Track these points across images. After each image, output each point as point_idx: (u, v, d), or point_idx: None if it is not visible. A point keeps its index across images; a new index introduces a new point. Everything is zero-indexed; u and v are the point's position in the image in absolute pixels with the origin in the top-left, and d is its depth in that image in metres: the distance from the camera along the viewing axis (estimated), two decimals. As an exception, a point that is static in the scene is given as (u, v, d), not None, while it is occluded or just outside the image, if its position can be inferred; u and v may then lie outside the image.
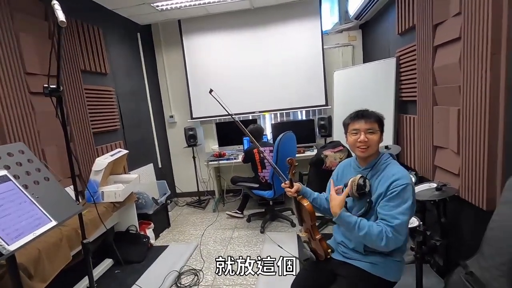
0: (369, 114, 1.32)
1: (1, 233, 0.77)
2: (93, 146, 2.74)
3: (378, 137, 1.30)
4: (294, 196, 1.43)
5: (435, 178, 2.11)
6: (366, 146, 1.29)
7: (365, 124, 1.29)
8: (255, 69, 3.98)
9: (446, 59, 1.88)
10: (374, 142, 1.29)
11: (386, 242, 1.15)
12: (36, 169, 0.98)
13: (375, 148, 1.31)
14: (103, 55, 3.01)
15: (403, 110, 2.72)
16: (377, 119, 1.31)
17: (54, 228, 0.91)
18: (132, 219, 2.84)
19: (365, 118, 1.31)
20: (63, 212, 0.95)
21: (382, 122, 1.33)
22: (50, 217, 0.89)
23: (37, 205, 0.89)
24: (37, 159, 1.02)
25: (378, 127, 1.30)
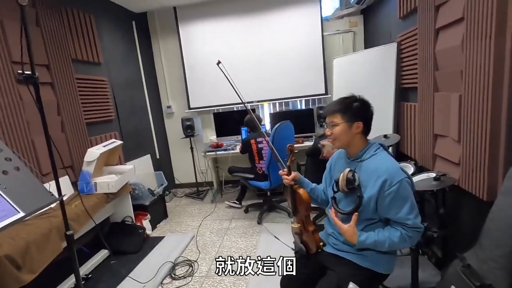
0: (331, 107, 1.29)
1: (-40, 225, 0.73)
2: (87, 137, 2.70)
3: (342, 128, 1.23)
4: (290, 184, 1.38)
5: (435, 167, 2.03)
6: (332, 139, 1.29)
7: (328, 118, 1.29)
8: (253, 57, 3.88)
9: (448, 42, 1.78)
10: (337, 134, 1.25)
11: (410, 241, 1.16)
12: (6, 159, 0.93)
13: (343, 140, 1.26)
14: (95, 43, 2.94)
15: (404, 97, 2.62)
16: (340, 109, 1.24)
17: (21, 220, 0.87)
18: (128, 210, 2.82)
19: (327, 111, 1.30)
20: (33, 203, 0.91)
21: (352, 110, 1.23)
22: (17, 209, 0.85)
23: (4, 196, 0.85)
24: (8, 149, 0.97)
25: (342, 119, 1.23)
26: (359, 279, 1.17)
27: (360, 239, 1.18)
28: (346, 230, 1.21)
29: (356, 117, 1.23)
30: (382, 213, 1.18)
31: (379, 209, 1.18)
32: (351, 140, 1.25)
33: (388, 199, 1.14)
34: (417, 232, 1.15)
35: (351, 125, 1.23)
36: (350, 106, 1.23)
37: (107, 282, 2.23)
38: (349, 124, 1.23)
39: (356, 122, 1.23)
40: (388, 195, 1.13)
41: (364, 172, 1.21)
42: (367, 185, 1.19)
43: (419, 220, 1.14)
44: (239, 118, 3.91)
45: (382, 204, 1.16)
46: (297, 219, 1.42)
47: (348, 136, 1.24)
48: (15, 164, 0.95)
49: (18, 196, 0.89)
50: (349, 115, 1.23)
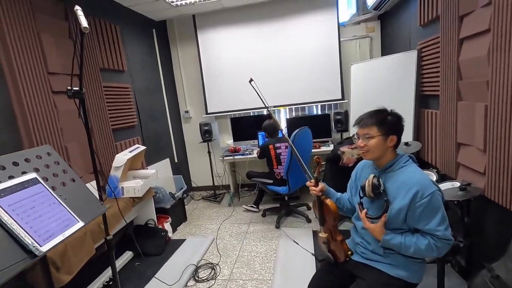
0: (367, 118, 1.29)
1: (34, 234, 0.81)
2: (113, 142, 2.81)
3: (377, 141, 1.24)
4: (318, 195, 1.43)
5: (458, 176, 2.04)
6: (364, 151, 1.29)
7: (361, 130, 1.29)
8: (269, 63, 3.94)
9: (473, 53, 1.79)
10: (371, 147, 1.26)
11: (437, 251, 1.17)
12: (63, 171, 1.01)
13: (376, 152, 1.27)
14: (120, 52, 3.05)
15: (424, 104, 2.63)
16: (376, 122, 1.25)
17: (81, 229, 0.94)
18: (151, 213, 2.91)
19: (362, 123, 1.30)
20: (89, 213, 0.98)
21: (388, 124, 1.25)
22: (77, 218, 0.92)
23: (65, 206, 0.93)
24: (63, 161, 1.05)
25: (378, 131, 1.24)
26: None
27: (385, 237, 1.22)
28: (373, 229, 1.25)
29: (391, 130, 1.25)
30: (412, 224, 1.21)
31: (409, 220, 1.21)
32: (384, 153, 1.28)
33: (419, 210, 1.16)
34: (447, 243, 1.17)
35: (386, 138, 1.25)
36: (386, 119, 1.26)
37: (134, 283, 2.32)
38: (385, 138, 1.25)
39: (391, 136, 1.25)
40: (419, 207, 1.16)
41: (394, 184, 1.24)
42: (396, 196, 1.22)
43: (450, 232, 1.17)
44: (256, 123, 3.98)
45: (413, 215, 1.19)
46: (324, 229, 1.46)
47: (382, 149, 1.26)
48: (70, 176, 1.03)
49: (76, 206, 0.96)
50: (385, 129, 1.25)
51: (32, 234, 0.81)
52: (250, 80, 1.74)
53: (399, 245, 1.19)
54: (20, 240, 0.79)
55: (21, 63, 1.95)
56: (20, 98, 1.94)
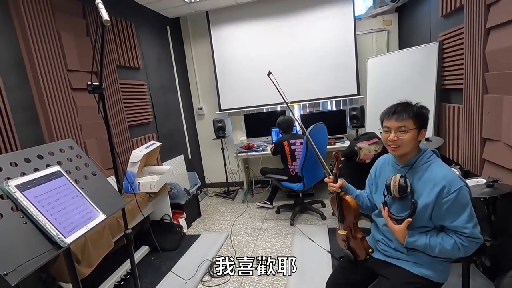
0: (402, 110, 1.19)
1: (59, 226, 0.83)
2: (129, 139, 2.85)
3: (412, 135, 1.18)
4: (337, 191, 1.39)
5: (483, 172, 1.95)
6: (396, 146, 1.21)
7: (396, 122, 1.20)
8: (283, 58, 3.89)
9: (501, 42, 1.70)
10: (406, 141, 1.18)
11: (464, 251, 1.12)
12: (85, 164, 1.02)
13: (409, 147, 1.20)
14: (135, 49, 3.09)
15: (445, 99, 2.53)
16: (412, 115, 1.18)
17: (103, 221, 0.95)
18: (166, 208, 2.95)
19: (397, 115, 1.20)
20: (110, 206, 0.99)
21: (422, 117, 1.20)
22: (99, 211, 0.93)
23: (88, 199, 0.94)
24: (84, 155, 1.07)
25: (414, 124, 1.17)
26: (413, 287, 1.16)
27: (409, 239, 1.17)
28: (397, 231, 1.20)
29: (424, 124, 1.21)
30: (438, 221, 1.16)
31: (435, 217, 1.16)
32: (414, 147, 1.22)
33: (446, 206, 1.11)
34: (475, 242, 1.11)
35: (419, 132, 1.20)
36: (421, 112, 1.20)
37: (150, 277, 2.35)
38: (418, 131, 1.19)
39: (422, 129, 1.21)
40: (446, 203, 1.11)
41: (418, 180, 1.19)
42: (421, 193, 1.17)
43: (478, 230, 1.11)
44: (269, 119, 3.95)
45: (439, 212, 1.14)
46: (344, 226, 1.43)
47: (413, 143, 1.20)
48: (92, 170, 1.04)
49: (98, 199, 0.97)
50: (420, 122, 1.19)
51: (57, 225, 0.82)
52: (269, 73, 1.71)
53: (424, 246, 1.15)
54: (46, 232, 0.80)
55: (42, 61, 2.00)
56: (41, 95, 1.99)
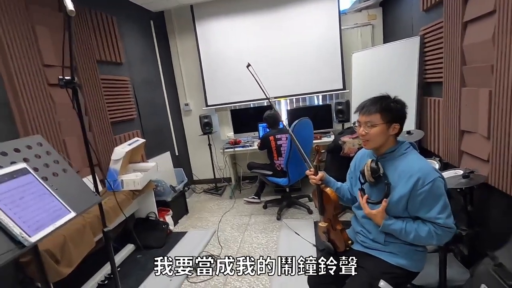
0: (370, 105, 1.22)
1: (23, 225, 0.80)
2: (112, 136, 2.80)
3: (380, 130, 1.19)
4: (318, 184, 1.40)
5: (461, 164, 2.00)
6: (365, 140, 1.24)
7: (364, 117, 1.23)
8: (269, 53, 3.87)
9: (477, 36, 1.73)
10: (373, 135, 1.21)
11: (438, 239, 1.14)
12: (55, 161, 0.99)
13: (377, 141, 1.22)
14: (117, 44, 3.01)
15: (427, 92, 2.57)
16: (379, 110, 1.19)
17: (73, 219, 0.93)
18: (151, 206, 2.91)
19: (365, 110, 1.23)
20: (82, 203, 0.97)
21: (392, 111, 1.20)
22: (69, 209, 0.91)
23: (57, 196, 0.91)
24: (55, 151, 1.03)
25: (381, 119, 1.19)
26: (390, 277, 1.18)
27: (386, 221, 1.19)
28: (375, 214, 1.21)
29: (395, 118, 1.21)
30: (413, 212, 1.18)
31: (410, 208, 1.18)
32: (385, 141, 1.24)
33: (420, 198, 1.13)
34: (448, 232, 1.14)
35: (389, 127, 1.21)
36: (390, 106, 1.21)
37: (135, 275, 2.33)
38: (388, 126, 1.20)
39: (394, 124, 1.21)
40: (421, 194, 1.13)
41: (395, 171, 1.21)
42: (397, 184, 1.19)
43: (452, 221, 1.14)
44: (256, 114, 3.94)
45: (414, 203, 1.16)
46: (324, 218, 1.44)
47: (384, 138, 1.22)
48: (62, 166, 1.01)
49: (68, 196, 0.95)
50: (389, 116, 1.20)
51: (21, 224, 0.80)
52: (248, 65, 1.69)
53: (400, 231, 1.16)
54: (8, 231, 0.77)
55: (15, 56, 1.92)
56: (15, 91, 1.92)
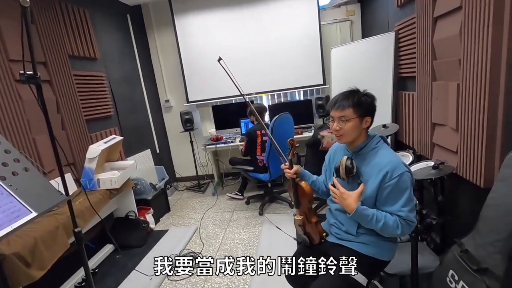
0: (342, 100, 1.23)
1: (-24, 227, 0.76)
2: (87, 134, 2.71)
3: (353, 124, 1.21)
4: (292, 177, 1.41)
5: (433, 156, 2.07)
6: (339, 135, 1.25)
7: (337, 112, 1.24)
8: (250, 49, 3.85)
9: (446, 31, 1.78)
10: (347, 130, 1.22)
11: (401, 230, 1.16)
12: (15, 160, 0.95)
13: (352, 135, 1.24)
14: (91, 38, 2.91)
15: (402, 87, 2.64)
16: (352, 104, 1.21)
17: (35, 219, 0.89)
18: (131, 205, 2.85)
19: (337, 105, 1.24)
20: (45, 203, 0.93)
21: (364, 105, 1.22)
22: (29, 209, 0.87)
23: (16, 196, 0.87)
24: (15, 150, 0.99)
25: (354, 113, 1.20)
26: (362, 267, 1.21)
27: (360, 206, 1.18)
28: (350, 195, 1.20)
29: (366, 112, 1.23)
30: (380, 205, 1.21)
31: (378, 201, 1.21)
32: (358, 135, 1.25)
33: (387, 191, 1.16)
34: (409, 225, 1.16)
35: (361, 120, 1.23)
36: (361, 100, 1.22)
37: (115, 276, 2.28)
38: (360, 119, 1.22)
39: (366, 117, 1.23)
40: (388, 187, 1.16)
41: (367, 166, 1.24)
42: (369, 178, 1.22)
43: (413, 215, 1.17)
44: (238, 110, 3.93)
45: (381, 196, 1.19)
46: (299, 211, 1.46)
47: (356, 132, 1.24)
48: (23, 165, 0.97)
49: (29, 196, 0.91)
50: (361, 110, 1.21)
51: (-26, 226, 0.75)
52: (219, 59, 1.66)
53: (371, 217, 1.17)
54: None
55: (-24, 50, 1.82)
56: (-23, 88, 1.81)
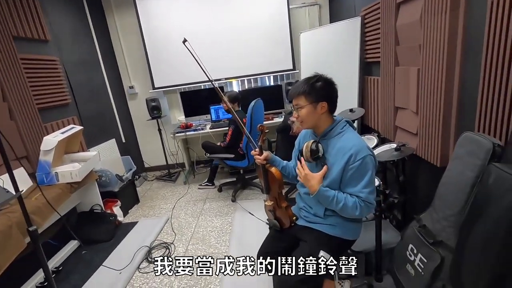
0: (295, 89, 1.28)
1: None
2: (41, 124, 2.48)
3: (307, 111, 1.24)
4: (262, 163, 1.40)
5: (396, 138, 2.17)
6: (300, 121, 1.29)
7: (293, 101, 1.29)
8: (218, 33, 3.72)
9: (408, 17, 1.83)
10: (303, 117, 1.26)
11: (360, 211, 1.19)
12: None
13: (310, 122, 1.27)
14: (39, 18, 2.62)
15: (368, 71, 2.71)
16: (302, 92, 1.24)
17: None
18: (96, 198, 2.71)
19: (291, 94, 1.29)
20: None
21: (315, 91, 1.23)
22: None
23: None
24: None
25: (306, 100, 1.24)
26: (329, 247, 1.26)
27: (322, 187, 1.22)
28: (313, 177, 1.23)
29: (320, 97, 1.23)
30: (343, 186, 1.25)
31: (342, 182, 1.24)
32: (318, 121, 1.27)
33: (350, 173, 1.20)
34: (368, 206, 1.20)
35: (316, 106, 1.24)
36: (314, 86, 1.23)
37: (80, 273, 2.17)
38: (314, 105, 1.23)
39: (320, 103, 1.24)
40: (351, 170, 1.19)
41: (332, 150, 1.26)
42: (335, 162, 1.24)
43: (373, 197, 1.21)
44: (208, 96, 3.83)
45: (345, 177, 1.22)
46: (270, 197, 1.46)
47: (314, 117, 1.26)
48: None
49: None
50: (313, 96, 1.23)
51: None
52: (184, 41, 1.58)
53: (332, 197, 1.21)
54: None
55: None
56: None
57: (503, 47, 1.16)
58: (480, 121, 1.33)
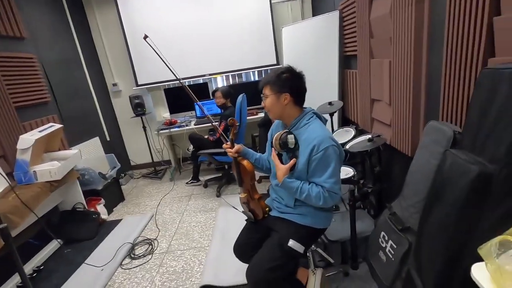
0: (263, 79, 1.34)
1: None
2: (18, 122, 2.44)
3: (271, 100, 1.29)
4: (234, 156, 1.42)
5: (373, 130, 2.21)
6: (267, 111, 1.35)
7: (263, 91, 1.34)
8: (202, 28, 3.70)
9: (380, 10, 1.87)
10: (268, 106, 1.31)
11: (323, 201, 1.22)
12: None
13: (275, 111, 1.32)
14: (13, 13, 2.56)
15: (347, 65, 2.74)
16: (267, 82, 1.30)
17: None
18: (78, 196, 2.69)
19: (260, 84, 1.35)
20: None
21: (279, 82, 1.26)
22: None
23: None
24: None
25: (271, 90, 1.28)
26: (298, 236, 1.29)
27: (287, 179, 1.26)
28: (281, 168, 1.27)
29: (283, 88, 1.26)
30: (309, 177, 1.27)
31: (308, 173, 1.27)
32: (283, 111, 1.30)
33: (314, 164, 1.22)
34: (332, 196, 1.22)
35: (279, 97, 1.27)
36: (279, 77, 1.26)
37: (62, 272, 2.16)
38: (277, 96, 1.26)
39: (284, 94, 1.26)
40: (314, 160, 1.22)
41: (299, 140, 1.28)
42: (301, 152, 1.26)
43: (338, 187, 1.24)
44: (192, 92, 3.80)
45: (310, 168, 1.25)
46: (243, 189, 1.49)
47: (278, 108, 1.28)
48: None
49: None
50: (278, 87, 1.26)
51: None
52: (145, 37, 1.58)
53: (296, 188, 1.24)
54: None
55: None
56: None
57: (461, 39, 1.19)
58: (444, 110, 1.37)
